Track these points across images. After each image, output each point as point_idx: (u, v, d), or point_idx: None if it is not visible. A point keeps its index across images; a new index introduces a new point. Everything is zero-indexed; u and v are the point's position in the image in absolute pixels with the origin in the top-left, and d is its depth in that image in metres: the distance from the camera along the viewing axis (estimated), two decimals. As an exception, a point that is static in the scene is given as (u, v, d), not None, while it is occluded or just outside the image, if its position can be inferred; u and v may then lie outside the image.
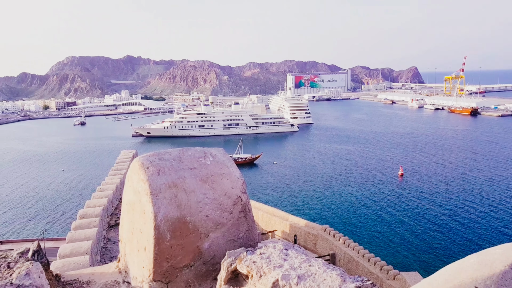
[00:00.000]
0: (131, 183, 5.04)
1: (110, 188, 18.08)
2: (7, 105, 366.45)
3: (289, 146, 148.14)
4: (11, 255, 4.28)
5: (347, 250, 20.71)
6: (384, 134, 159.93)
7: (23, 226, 73.96)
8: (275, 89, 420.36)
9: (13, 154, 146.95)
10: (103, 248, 13.61)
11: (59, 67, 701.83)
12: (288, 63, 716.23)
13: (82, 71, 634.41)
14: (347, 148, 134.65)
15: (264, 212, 25.42)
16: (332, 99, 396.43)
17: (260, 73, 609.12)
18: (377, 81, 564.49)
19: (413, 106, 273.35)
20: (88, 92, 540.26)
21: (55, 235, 65.32)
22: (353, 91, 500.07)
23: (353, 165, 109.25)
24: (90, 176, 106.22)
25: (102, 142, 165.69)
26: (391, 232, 63.43)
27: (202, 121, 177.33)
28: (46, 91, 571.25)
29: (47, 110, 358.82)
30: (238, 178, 5.22)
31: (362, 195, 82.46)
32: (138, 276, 4.73)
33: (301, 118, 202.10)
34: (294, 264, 3.44)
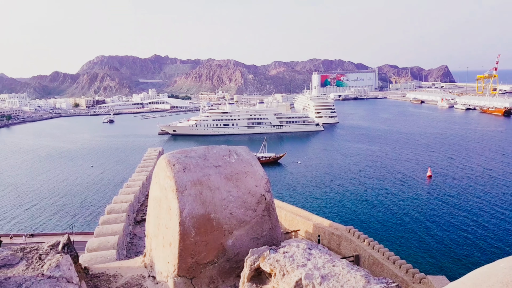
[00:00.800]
0: (158, 180, 5.14)
1: (136, 184, 18.45)
2: (40, 103, 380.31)
3: (314, 145, 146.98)
4: (42, 248, 4.44)
5: (372, 252, 20.38)
6: (412, 135, 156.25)
7: (53, 220, 76.58)
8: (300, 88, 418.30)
9: (45, 150, 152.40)
10: (129, 243, 13.91)
11: (89, 66, 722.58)
12: (314, 61, 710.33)
13: (111, 70, 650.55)
14: (373, 148, 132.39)
15: (287, 211, 25.35)
16: (358, 98, 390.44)
17: (286, 72, 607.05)
18: (405, 80, 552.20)
19: (443, 106, 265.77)
20: (117, 90, 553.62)
21: (83, 229, 67.35)
22: (380, 90, 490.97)
23: (379, 166, 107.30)
24: (118, 173, 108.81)
25: (130, 140, 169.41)
26: (418, 235, 61.96)
27: (227, 120, 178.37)
28: (77, 89, 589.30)
29: (78, 108, 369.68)
30: (262, 176, 5.23)
31: (387, 196, 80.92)
32: (163, 271, 4.82)
33: (326, 118, 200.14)
34: (317, 264, 3.42)
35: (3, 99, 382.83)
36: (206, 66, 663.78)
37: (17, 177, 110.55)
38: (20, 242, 59.03)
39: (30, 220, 76.87)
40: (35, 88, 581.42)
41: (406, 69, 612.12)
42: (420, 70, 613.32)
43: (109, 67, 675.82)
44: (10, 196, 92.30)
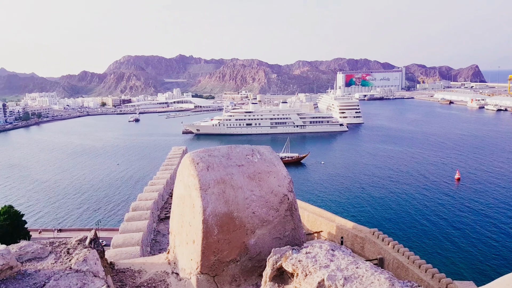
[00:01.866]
0: (182, 178, 5.20)
1: (161, 182, 18.74)
2: (69, 102, 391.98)
3: (338, 146, 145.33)
4: (70, 242, 4.58)
5: (396, 255, 19.98)
6: (440, 136, 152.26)
7: (80, 216, 78.77)
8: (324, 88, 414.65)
9: (73, 148, 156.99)
10: (153, 240, 14.15)
11: (116, 66, 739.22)
12: (338, 61, 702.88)
13: (137, 70, 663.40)
14: (399, 149, 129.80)
15: (310, 212, 25.18)
16: (384, 98, 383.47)
17: (309, 72, 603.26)
18: (433, 79, 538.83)
19: (473, 107, 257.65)
20: (143, 90, 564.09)
21: (108, 225, 68.97)
22: (407, 90, 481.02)
23: (405, 167, 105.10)
24: (142, 170, 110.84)
25: (154, 138, 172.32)
26: (444, 239, 60.34)
27: (250, 120, 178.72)
28: (104, 88, 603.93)
29: (104, 106, 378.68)
30: (285, 176, 5.21)
31: (413, 198, 79.16)
32: (186, 268, 4.87)
33: (350, 118, 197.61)
34: (340, 265, 3.38)
35: (34, 98, 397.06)
36: (230, 66, 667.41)
37: (46, 174, 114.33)
38: (49, 236, 61.04)
39: (58, 215, 79.34)
40: (64, 87, 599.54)
41: (434, 68, 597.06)
42: (449, 69, 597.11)
43: (135, 67, 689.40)
44: (40, 192, 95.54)
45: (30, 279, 3.63)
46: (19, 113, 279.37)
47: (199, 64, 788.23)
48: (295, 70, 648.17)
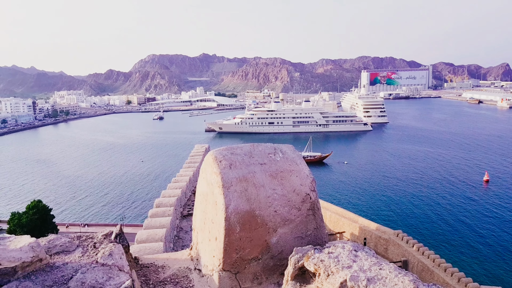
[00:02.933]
0: (205, 175, 5.26)
1: (184, 180, 18.96)
2: (95, 100, 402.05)
3: (361, 146, 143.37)
4: (96, 236, 4.70)
5: (421, 258, 19.57)
6: (468, 136, 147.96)
7: (105, 211, 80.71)
8: (348, 86, 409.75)
9: (98, 145, 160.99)
10: (176, 236, 14.35)
11: (141, 65, 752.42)
12: (363, 59, 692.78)
13: (161, 69, 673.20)
14: (425, 150, 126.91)
15: (332, 212, 24.97)
16: (410, 97, 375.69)
17: (333, 70, 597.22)
18: (462, 78, 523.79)
19: (503, 107, 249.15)
20: (167, 88, 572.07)
21: (133, 221, 70.38)
22: (434, 89, 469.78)
23: (431, 168, 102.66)
24: (166, 167, 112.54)
25: (178, 136, 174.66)
26: (471, 242, 58.62)
27: (272, 118, 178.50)
28: (129, 87, 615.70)
29: (130, 104, 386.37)
30: (308, 175, 5.18)
31: (439, 200, 77.25)
32: (208, 265, 4.93)
33: (375, 117, 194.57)
34: (363, 266, 3.34)
35: (62, 95, 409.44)
36: (253, 65, 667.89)
37: (73, 169, 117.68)
38: (75, 231, 62.85)
39: (84, 210, 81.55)
40: (91, 86, 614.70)
41: (462, 67, 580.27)
42: (478, 68, 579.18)
43: (159, 66, 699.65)
44: (66, 187, 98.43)
45: (58, 272, 3.74)
46: (48, 110, 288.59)
47: (222, 63, 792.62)
48: (319, 69, 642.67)
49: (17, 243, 3.93)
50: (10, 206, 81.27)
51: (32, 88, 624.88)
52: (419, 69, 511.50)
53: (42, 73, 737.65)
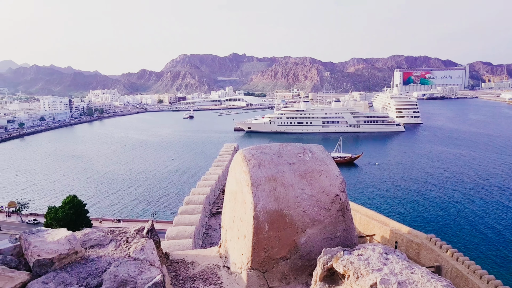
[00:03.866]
0: (234, 174, 5.30)
1: (213, 178, 19.16)
2: (128, 99, 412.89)
3: (393, 147, 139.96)
4: (129, 231, 4.84)
5: (455, 264, 18.90)
6: (506, 139, 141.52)
7: (136, 207, 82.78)
8: (380, 86, 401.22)
9: (131, 142, 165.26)
10: (205, 233, 14.53)
11: (172, 65, 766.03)
12: (396, 58, 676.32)
13: (192, 68, 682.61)
14: (460, 152, 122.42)
15: (362, 214, 24.54)
16: (445, 97, 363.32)
17: (365, 69, 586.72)
18: (500, 78, 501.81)
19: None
20: (197, 88, 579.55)
21: (163, 218, 71.79)
22: (471, 89, 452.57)
23: (466, 172, 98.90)
24: (195, 166, 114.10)
25: (207, 135, 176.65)
26: (506, 250, 56.07)
27: (301, 118, 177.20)
28: (161, 86, 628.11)
29: (161, 103, 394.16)
30: (337, 176, 5.12)
31: (474, 205, 74.34)
32: (237, 262, 4.96)
33: (408, 118, 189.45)
34: (394, 270, 3.27)
35: (97, 94, 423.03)
36: (282, 64, 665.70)
37: (106, 166, 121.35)
38: (108, 226, 64.79)
39: (116, 206, 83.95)
40: (124, 85, 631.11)
41: (501, 66, 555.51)
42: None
43: (190, 65, 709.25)
44: (100, 183, 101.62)
45: (92, 264, 3.88)
46: (83, 108, 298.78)
47: (252, 62, 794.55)
48: (349, 68, 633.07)
49: (54, 236, 4.10)
50: (47, 201, 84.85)
51: (69, 87, 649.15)
52: (455, 68, 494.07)
53: (78, 73, 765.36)
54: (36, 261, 3.64)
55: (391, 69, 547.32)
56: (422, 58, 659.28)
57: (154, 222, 28.30)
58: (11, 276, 3.50)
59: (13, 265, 3.78)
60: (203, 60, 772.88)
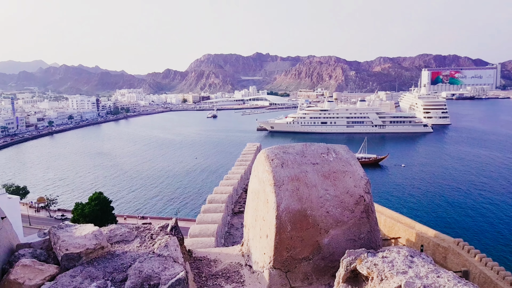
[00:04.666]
0: (257, 173, 5.31)
1: (235, 177, 19.24)
2: (153, 98, 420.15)
3: (420, 148, 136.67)
4: (153, 228, 4.93)
5: (484, 269, 18.33)
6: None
7: (160, 205, 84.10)
8: (407, 86, 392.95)
9: (155, 141, 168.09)
10: (227, 232, 14.61)
11: (196, 64, 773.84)
12: (424, 57, 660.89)
13: (216, 68, 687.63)
14: (490, 154, 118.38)
15: (387, 216, 24.08)
16: (475, 97, 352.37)
17: (391, 68, 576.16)
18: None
19: None
20: (220, 87, 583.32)
21: (186, 216, 72.65)
22: (503, 89, 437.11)
23: (497, 174, 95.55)
24: (218, 165, 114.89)
25: (230, 134, 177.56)
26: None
27: (325, 118, 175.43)
28: (185, 86, 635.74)
29: (185, 103, 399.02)
30: (362, 177, 5.05)
31: (504, 209, 71.75)
32: (259, 261, 4.97)
33: (436, 118, 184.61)
34: (419, 273, 3.20)
35: (123, 94, 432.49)
36: (306, 63, 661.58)
37: (131, 164, 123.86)
38: (133, 223, 66.00)
39: (140, 203, 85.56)
40: (149, 84, 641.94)
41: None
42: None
43: (214, 65, 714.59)
44: (125, 180, 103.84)
45: (118, 260, 3.97)
46: (110, 107, 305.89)
47: (275, 62, 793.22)
48: (375, 67, 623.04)
49: (82, 231, 4.22)
50: (74, 197, 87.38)
51: (96, 86, 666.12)
52: (486, 67, 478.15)
53: (105, 72, 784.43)
54: (64, 255, 3.76)
55: (419, 68, 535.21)
56: (451, 57, 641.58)
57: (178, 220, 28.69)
58: (41, 269, 3.63)
59: (42, 259, 3.91)
60: (227, 60, 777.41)
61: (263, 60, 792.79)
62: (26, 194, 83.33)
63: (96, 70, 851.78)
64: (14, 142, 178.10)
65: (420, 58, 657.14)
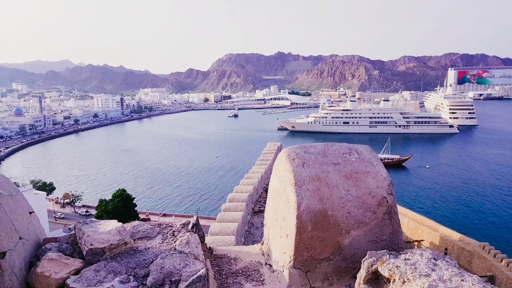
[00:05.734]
0: (278, 173, 5.31)
1: (256, 176, 19.27)
2: (176, 97, 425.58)
3: (446, 149, 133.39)
4: (175, 225, 5.00)
5: (511, 275, 17.76)
6: None
7: (181, 203, 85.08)
8: (432, 85, 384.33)
9: (177, 139, 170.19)
10: (247, 231, 14.66)
11: (218, 64, 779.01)
12: (450, 56, 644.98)
13: (237, 67, 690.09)
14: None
15: (410, 219, 23.65)
16: (504, 98, 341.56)
17: (416, 68, 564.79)
18: None
19: None
20: (242, 87, 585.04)
21: (206, 214, 73.23)
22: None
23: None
24: (239, 164, 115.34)
25: (251, 134, 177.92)
26: None
27: (347, 118, 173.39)
28: (207, 85, 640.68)
29: (207, 102, 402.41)
30: (385, 178, 4.98)
31: (535, 213, 69.27)
32: (279, 261, 4.97)
33: (462, 119, 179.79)
34: (443, 276, 3.13)
35: (147, 93, 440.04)
36: (329, 62, 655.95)
37: (153, 162, 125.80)
38: (155, 220, 67.10)
39: (163, 201, 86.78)
40: (172, 84, 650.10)
41: None
42: None
43: (236, 65, 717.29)
44: (147, 178, 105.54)
45: (140, 255, 4.04)
46: (134, 106, 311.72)
47: (297, 61, 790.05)
48: (400, 66, 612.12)
49: (106, 226, 4.32)
50: (98, 193, 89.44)
51: (121, 85, 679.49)
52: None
53: (130, 72, 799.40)
54: (89, 249, 3.86)
55: (445, 67, 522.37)
56: (479, 56, 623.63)
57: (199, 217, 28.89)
58: (66, 262, 3.74)
59: (68, 253, 4.03)
60: (249, 59, 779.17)
61: (284, 60, 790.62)
62: (52, 190, 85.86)
63: (120, 70, 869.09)
64: (41, 140, 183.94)
65: (447, 57, 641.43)
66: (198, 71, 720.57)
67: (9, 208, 3.79)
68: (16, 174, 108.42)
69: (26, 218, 4.09)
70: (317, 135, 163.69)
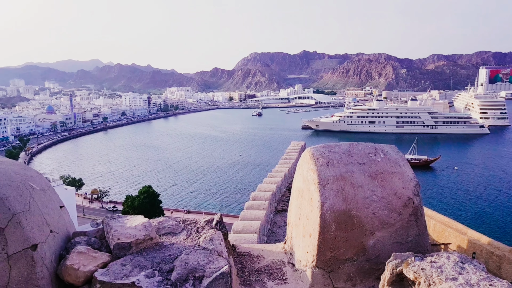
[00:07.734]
0: (301, 172, 5.29)
1: (279, 175, 19.23)
2: (201, 96, 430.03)
3: (475, 150, 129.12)
4: (199, 222, 5.07)
5: (544, 282, 17.00)
6: None
7: (205, 200, 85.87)
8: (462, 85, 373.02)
9: (202, 138, 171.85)
10: (269, 230, 14.67)
11: (243, 63, 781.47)
12: (481, 54, 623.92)
13: (262, 66, 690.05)
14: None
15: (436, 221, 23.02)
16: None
17: (445, 66, 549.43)
18: None
19: None
20: (266, 85, 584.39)
21: (229, 211, 73.66)
22: None
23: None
24: (262, 162, 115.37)
25: (275, 133, 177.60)
26: None
27: (373, 117, 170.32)
28: (232, 84, 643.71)
29: (231, 101, 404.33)
30: (411, 179, 4.88)
31: None
32: (302, 260, 4.96)
33: (494, 119, 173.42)
34: (470, 280, 3.05)
35: (173, 92, 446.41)
36: (355, 61, 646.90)
37: (178, 159, 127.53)
38: (179, 217, 67.97)
39: (187, 198, 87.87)
40: (197, 83, 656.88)
41: None
42: None
43: (260, 64, 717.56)
44: (173, 175, 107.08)
45: (165, 251, 4.13)
46: (160, 105, 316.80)
47: (322, 60, 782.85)
48: (429, 65, 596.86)
49: (132, 222, 4.43)
50: (124, 189, 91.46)
51: (148, 84, 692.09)
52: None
53: (157, 71, 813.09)
54: (116, 244, 3.97)
55: (476, 66, 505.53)
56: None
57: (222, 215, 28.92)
58: (95, 256, 3.86)
59: (96, 247, 4.16)
60: (273, 58, 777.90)
61: (310, 58, 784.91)
62: (81, 185, 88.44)
63: (148, 69, 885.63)
64: (71, 137, 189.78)
65: (478, 55, 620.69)
66: (223, 70, 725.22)
67: (41, 202, 3.93)
68: (47, 170, 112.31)
69: (57, 212, 4.24)
70: (341, 135, 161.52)
